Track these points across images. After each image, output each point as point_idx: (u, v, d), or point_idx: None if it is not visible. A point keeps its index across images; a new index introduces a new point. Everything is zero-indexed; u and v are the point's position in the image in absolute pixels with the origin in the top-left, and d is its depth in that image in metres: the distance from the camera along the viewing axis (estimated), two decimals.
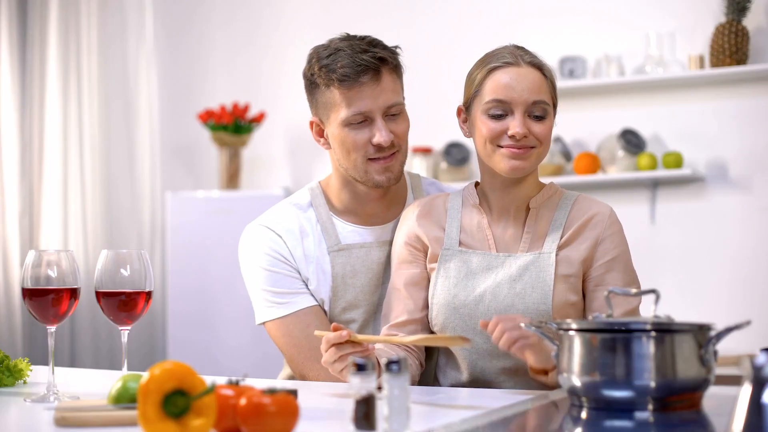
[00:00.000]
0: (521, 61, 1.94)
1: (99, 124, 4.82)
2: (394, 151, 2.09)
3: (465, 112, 2.04)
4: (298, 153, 4.96)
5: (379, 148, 2.06)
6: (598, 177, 4.20)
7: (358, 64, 2.03)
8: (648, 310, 1.56)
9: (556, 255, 1.94)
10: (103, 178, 4.83)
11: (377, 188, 2.12)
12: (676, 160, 4.12)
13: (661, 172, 4.12)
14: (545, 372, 1.79)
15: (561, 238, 1.96)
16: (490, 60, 1.97)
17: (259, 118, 4.80)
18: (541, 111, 1.93)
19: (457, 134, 4.57)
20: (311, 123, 2.16)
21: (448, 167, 4.50)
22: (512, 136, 1.91)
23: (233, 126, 4.76)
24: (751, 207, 4.10)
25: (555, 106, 1.97)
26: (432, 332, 2.05)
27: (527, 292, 1.91)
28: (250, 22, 5.10)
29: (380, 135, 2.05)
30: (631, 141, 4.18)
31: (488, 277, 1.95)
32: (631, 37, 4.30)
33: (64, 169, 4.65)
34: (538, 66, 1.96)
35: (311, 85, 2.12)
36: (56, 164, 4.62)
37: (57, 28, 4.68)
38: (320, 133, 2.15)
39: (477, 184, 2.08)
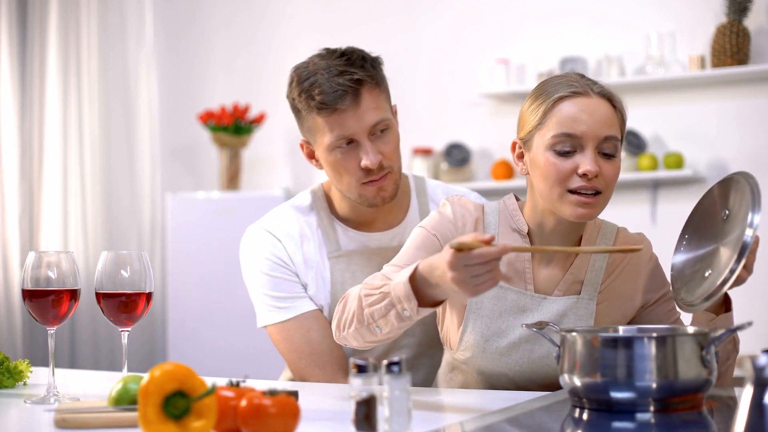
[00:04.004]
0: (591, 91, 1.74)
1: (99, 124, 4.82)
2: (385, 173, 2.03)
3: (522, 146, 1.82)
4: (298, 154, 4.96)
5: (368, 171, 2.01)
6: None
7: (335, 90, 1.97)
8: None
9: (597, 302, 1.82)
10: (103, 178, 4.83)
11: (372, 207, 2.08)
12: (676, 161, 4.12)
13: (662, 173, 4.12)
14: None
15: (603, 280, 1.83)
16: (554, 89, 1.76)
17: (259, 119, 4.80)
18: (612, 148, 1.74)
19: (457, 135, 4.58)
20: (301, 144, 2.12)
21: (449, 168, 4.50)
22: (584, 175, 1.71)
23: (233, 127, 4.76)
24: None
25: (622, 141, 1.78)
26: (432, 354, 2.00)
27: None
28: (251, 23, 5.10)
29: (367, 158, 1.99)
30: (632, 141, 4.18)
31: (522, 321, 1.80)
32: (632, 38, 4.30)
33: (64, 170, 4.65)
34: (609, 96, 1.76)
35: (294, 109, 2.08)
36: (56, 165, 4.62)
37: (57, 28, 4.68)
38: (311, 154, 2.11)
39: (517, 198, 1.89)
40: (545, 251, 1.69)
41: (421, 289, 1.61)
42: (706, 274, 1.65)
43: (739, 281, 1.60)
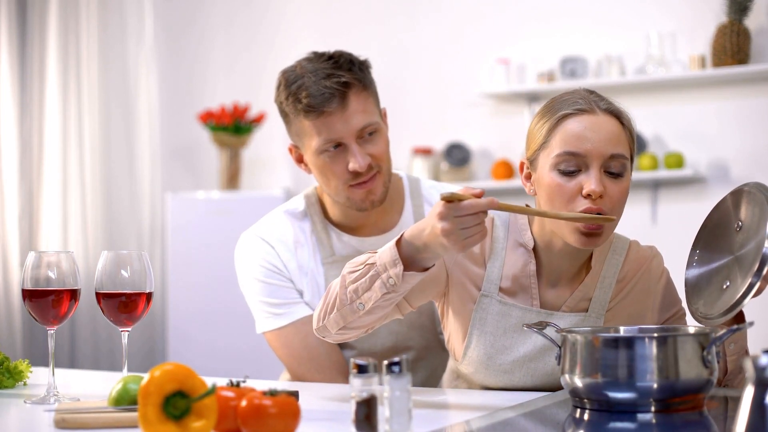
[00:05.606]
0: (596, 108, 1.68)
1: (99, 124, 4.82)
2: (374, 173, 2.01)
3: (529, 167, 1.76)
4: None
5: (356, 174, 1.99)
6: None
7: (321, 93, 1.95)
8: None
9: (605, 320, 1.76)
10: (103, 178, 4.83)
11: (362, 211, 2.06)
12: (677, 161, 4.12)
13: (663, 173, 4.12)
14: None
15: (612, 298, 1.78)
16: (559, 106, 1.71)
17: (259, 119, 4.79)
18: (619, 167, 1.68)
19: (457, 135, 4.58)
20: (290, 149, 2.11)
21: (450, 168, 4.50)
22: (588, 196, 1.65)
23: (233, 127, 4.75)
24: None
25: (632, 160, 1.73)
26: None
27: None
28: (251, 23, 5.10)
29: (355, 161, 1.97)
30: None
31: (527, 338, 1.76)
32: (633, 38, 4.30)
33: (64, 170, 4.65)
34: (616, 113, 1.70)
35: (282, 113, 2.07)
36: (56, 165, 4.62)
37: (57, 28, 4.68)
38: (300, 158, 2.10)
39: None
40: (529, 213, 1.63)
41: (408, 256, 1.59)
42: (724, 286, 1.64)
43: (757, 292, 1.59)
